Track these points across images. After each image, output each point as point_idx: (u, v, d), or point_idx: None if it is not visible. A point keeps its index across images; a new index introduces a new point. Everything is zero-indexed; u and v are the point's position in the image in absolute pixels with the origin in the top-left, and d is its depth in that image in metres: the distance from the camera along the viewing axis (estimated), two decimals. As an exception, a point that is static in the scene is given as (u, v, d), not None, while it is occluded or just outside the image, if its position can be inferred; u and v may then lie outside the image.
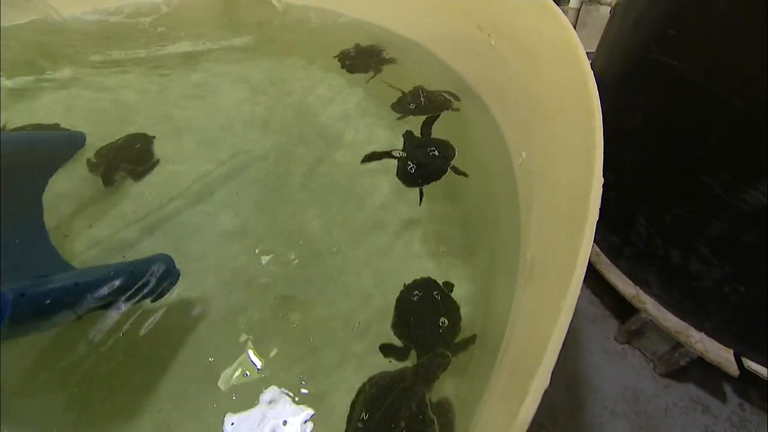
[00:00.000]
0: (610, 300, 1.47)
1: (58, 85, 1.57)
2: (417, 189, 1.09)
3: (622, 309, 1.40)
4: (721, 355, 1.15)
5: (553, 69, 0.80)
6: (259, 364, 0.83)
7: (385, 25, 1.54)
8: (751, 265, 1.04)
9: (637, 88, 1.22)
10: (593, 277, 1.52)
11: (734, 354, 1.15)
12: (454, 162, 1.11)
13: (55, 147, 1.15)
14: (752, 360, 1.13)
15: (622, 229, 1.31)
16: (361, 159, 1.20)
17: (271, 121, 1.40)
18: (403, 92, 1.35)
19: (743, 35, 0.90)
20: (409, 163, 1.12)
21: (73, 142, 1.20)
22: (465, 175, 1.10)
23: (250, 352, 0.85)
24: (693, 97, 1.04)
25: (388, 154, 1.19)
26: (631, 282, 1.32)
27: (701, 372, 1.30)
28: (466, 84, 1.30)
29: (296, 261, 1.00)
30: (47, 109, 1.47)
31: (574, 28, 1.82)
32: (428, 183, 1.08)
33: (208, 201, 1.19)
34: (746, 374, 1.15)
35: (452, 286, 0.88)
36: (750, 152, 0.94)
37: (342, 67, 1.48)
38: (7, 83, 1.56)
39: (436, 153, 1.13)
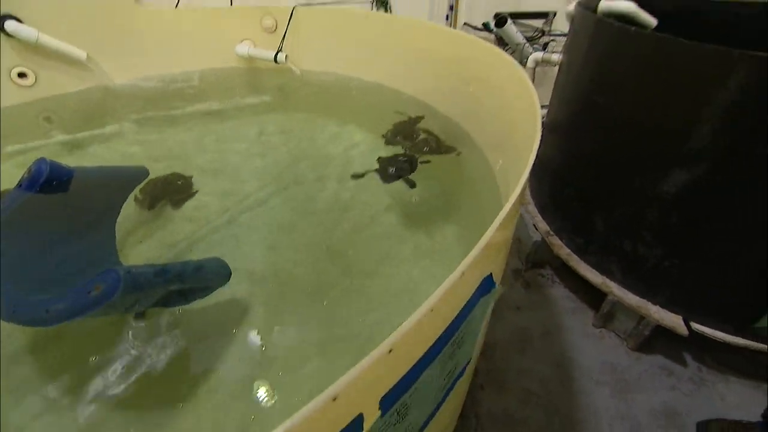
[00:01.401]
0: (584, 295, 1.75)
1: (105, 139, 1.87)
2: (401, 185, 1.54)
3: (594, 300, 1.67)
4: (673, 320, 1.42)
5: (514, 101, 1.15)
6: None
7: (392, 85, 1.94)
8: (677, 240, 1.36)
9: (581, 122, 1.61)
10: (568, 277, 1.81)
11: (683, 319, 1.42)
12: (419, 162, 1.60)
13: (125, 176, 1.41)
14: (696, 322, 1.41)
15: (585, 230, 1.63)
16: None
17: (288, 162, 1.70)
18: (417, 139, 1.72)
19: (645, 79, 1.30)
20: (389, 168, 1.57)
21: (139, 173, 1.45)
22: (428, 161, 1.58)
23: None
24: (619, 122, 1.42)
25: (371, 171, 1.60)
26: (597, 272, 1.61)
27: (664, 345, 1.56)
28: (454, 121, 1.67)
29: (315, 265, 1.26)
30: (95, 158, 1.75)
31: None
32: (408, 174, 1.54)
33: (241, 223, 1.45)
34: (700, 341, 1.41)
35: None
36: (659, 154, 1.30)
37: (386, 144, 1.79)
38: (64, 137, 1.85)
39: (405, 159, 1.61)
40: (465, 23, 2.93)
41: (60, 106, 1.96)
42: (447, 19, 2.89)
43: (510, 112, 1.12)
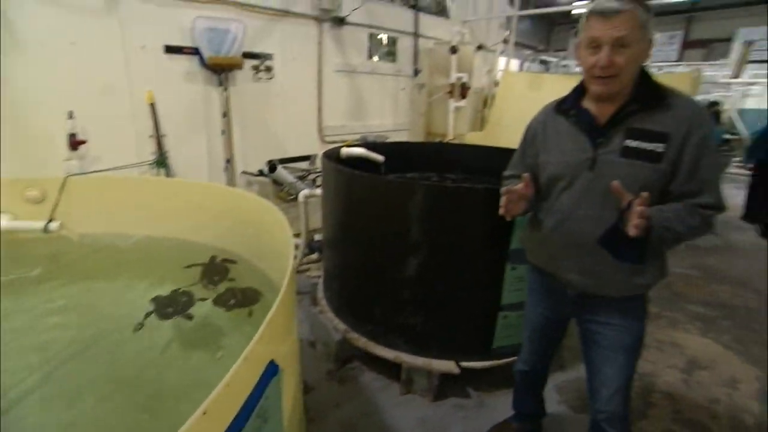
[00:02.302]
0: (388, 372, 2.08)
1: None
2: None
3: (396, 373, 2.01)
4: (449, 366, 1.87)
5: (277, 236, 1.50)
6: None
7: (184, 237, 2.09)
8: (427, 307, 1.87)
9: (344, 238, 2.10)
10: (372, 362, 2.13)
11: (455, 362, 1.89)
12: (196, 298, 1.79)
13: None
14: (463, 361, 1.89)
15: (370, 319, 2.02)
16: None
17: (72, 335, 1.60)
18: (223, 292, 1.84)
19: (373, 203, 1.88)
20: (167, 308, 1.72)
21: None
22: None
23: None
24: (367, 234, 1.94)
25: (150, 314, 1.70)
26: (390, 349, 1.98)
27: (452, 388, 1.98)
28: (245, 258, 1.93)
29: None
30: None
31: (307, 215, 2.78)
32: (187, 309, 1.71)
33: (20, 412, 1.31)
34: (471, 373, 1.89)
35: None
36: (397, 250, 1.84)
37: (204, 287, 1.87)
38: None
39: (183, 297, 1.79)
40: (243, 171, 3.39)
41: None
42: (226, 170, 3.29)
43: (278, 245, 1.46)
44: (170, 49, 2.88)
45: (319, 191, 2.66)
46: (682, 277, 3.41)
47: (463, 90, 4.57)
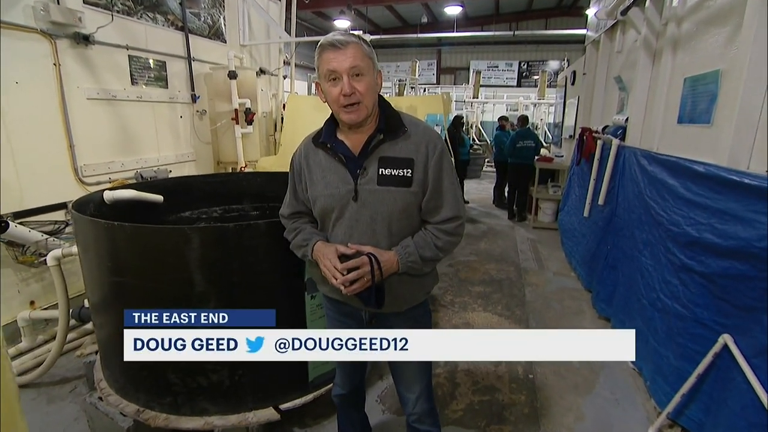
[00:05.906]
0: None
1: None
2: None
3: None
4: (269, 413, 1.71)
5: None
6: None
7: None
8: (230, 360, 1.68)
9: (116, 299, 1.71)
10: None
11: (273, 407, 1.74)
12: None
13: None
14: (283, 403, 1.76)
15: (169, 389, 1.69)
16: None
17: None
18: None
19: (149, 250, 1.58)
20: None
21: None
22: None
23: None
24: (145, 292, 1.63)
25: None
26: (196, 417, 1.70)
27: (275, 437, 1.83)
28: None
29: None
30: None
31: (64, 278, 2.18)
32: None
33: None
34: (290, 412, 1.76)
35: None
36: (186, 306, 1.60)
37: None
38: None
39: None
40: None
41: None
42: None
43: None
44: None
45: (75, 248, 2.11)
46: (465, 264, 4.05)
47: (249, 116, 4.42)
